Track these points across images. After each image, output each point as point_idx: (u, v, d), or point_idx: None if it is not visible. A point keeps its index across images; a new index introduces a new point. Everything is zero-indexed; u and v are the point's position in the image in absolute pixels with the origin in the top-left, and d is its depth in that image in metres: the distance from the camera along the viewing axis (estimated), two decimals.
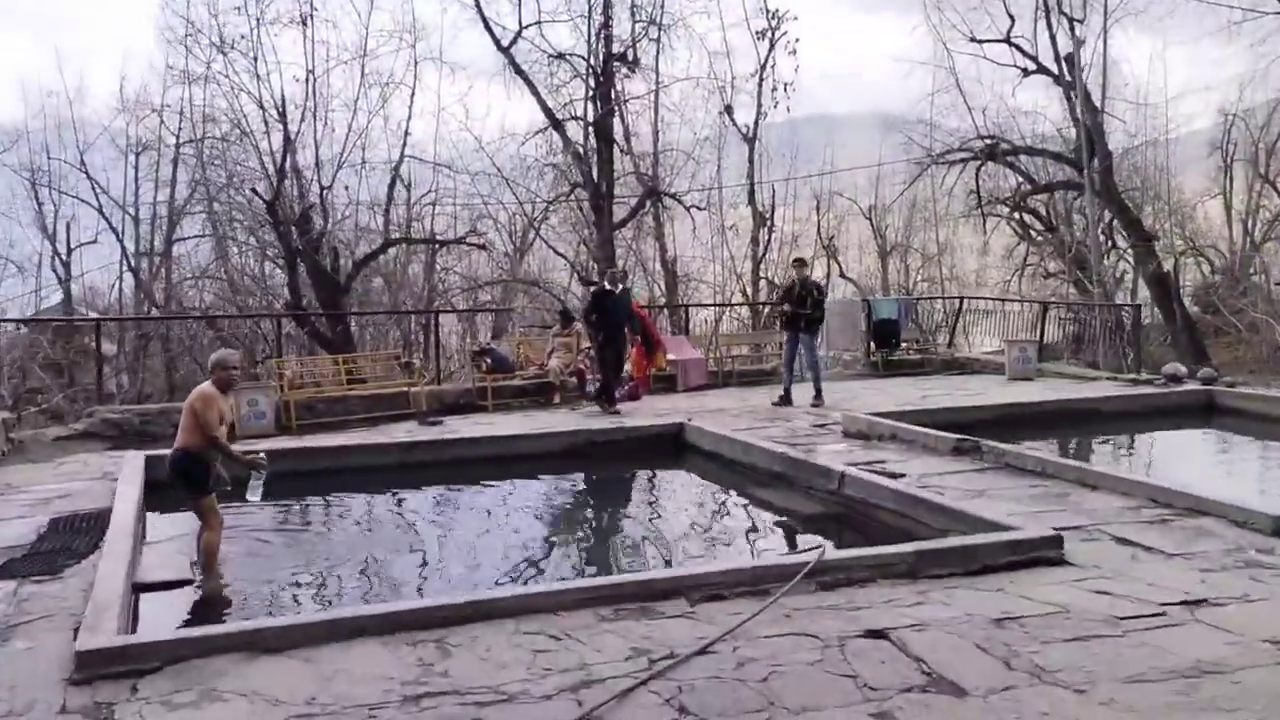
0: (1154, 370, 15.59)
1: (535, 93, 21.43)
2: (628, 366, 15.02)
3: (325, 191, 19.60)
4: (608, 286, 13.13)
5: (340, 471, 9.59)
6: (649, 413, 12.92)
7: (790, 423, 11.87)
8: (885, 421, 10.49)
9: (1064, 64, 28.35)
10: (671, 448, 10.57)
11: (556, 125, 21.62)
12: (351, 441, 10.75)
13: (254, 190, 19.35)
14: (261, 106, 19.39)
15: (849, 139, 43.88)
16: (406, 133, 21.38)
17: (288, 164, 18.99)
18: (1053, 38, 28.54)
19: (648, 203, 23.50)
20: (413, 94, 21.31)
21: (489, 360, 13.57)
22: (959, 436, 9.55)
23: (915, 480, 8.54)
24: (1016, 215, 32.99)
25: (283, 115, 19.27)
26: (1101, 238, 33.27)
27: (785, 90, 25.00)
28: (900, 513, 7.46)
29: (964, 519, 6.89)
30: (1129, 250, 30.57)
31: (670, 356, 15.15)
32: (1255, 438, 11.11)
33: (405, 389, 13.24)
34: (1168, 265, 29.68)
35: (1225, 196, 35.76)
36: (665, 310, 23.89)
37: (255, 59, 19.40)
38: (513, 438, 10.26)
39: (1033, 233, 33.41)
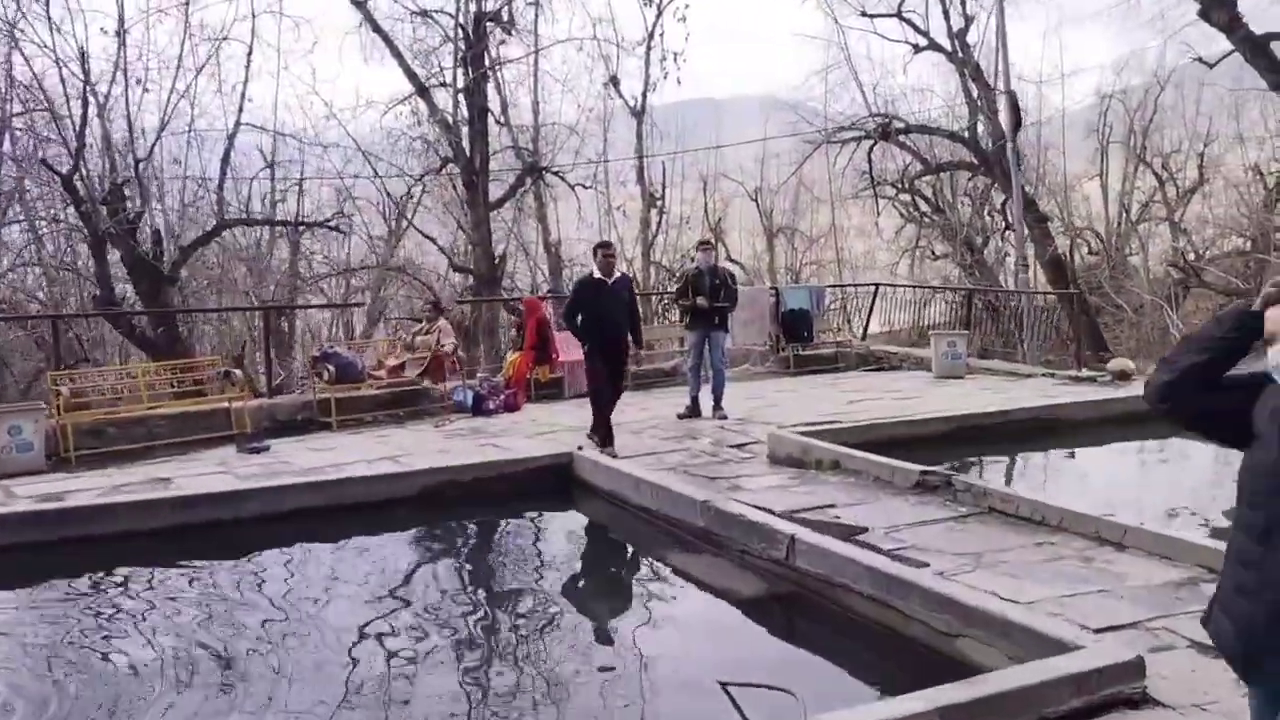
0: (1092, 364, 13.82)
1: (396, 53, 18.51)
2: (506, 371, 12.45)
3: (142, 165, 16.28)
4: (597, 275, 9.18)
5: (87, 543, 6.72)
6: (529, 430, 10.41)
7: (700, 441, 9.51)
8: (823, 444, 8.20)
9: (955, 40, 26.78)
10: (558, 486, 8.03)
11: (422, 91, 18.73)
12: (90, 500, 7.48)
13: (44, 163, 15.87)
14: (59, 63, 15.93)
15: (736, 121, 41.91)
16: (244, 97, 18.14)
17: (90, 132, 15.62)
18: (945, 12, 26.95)
19: (527, 180, 20.82)
20: (250, 52, 18.08)
21: (331, 368, 10.78)
22: (923, 469, 7.34)
23: (881, 535, 6.28)
24: (906, 196, 31.52)
25: (85, 74, 15.84)
26: (989, 219, 32.11)
27: (675, 60, 22.62)
28: (879, 600, 5.15)
29: (983, 619, 4.62)
30: (1008, 231, 29.37)
31: (559, 358, 12.64)
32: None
33: (226, 405, 10.38)
34: (1061, 247, 28.55)
35: (1103, 178, 35.11)
36: (550, 300, 21.34)
37: (48, 3, 15.86)
38: (340, 483, 7.52)
39: (922, 214, 32.01)
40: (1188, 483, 8.38)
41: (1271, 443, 2.36)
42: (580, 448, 8.48)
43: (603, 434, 8.89)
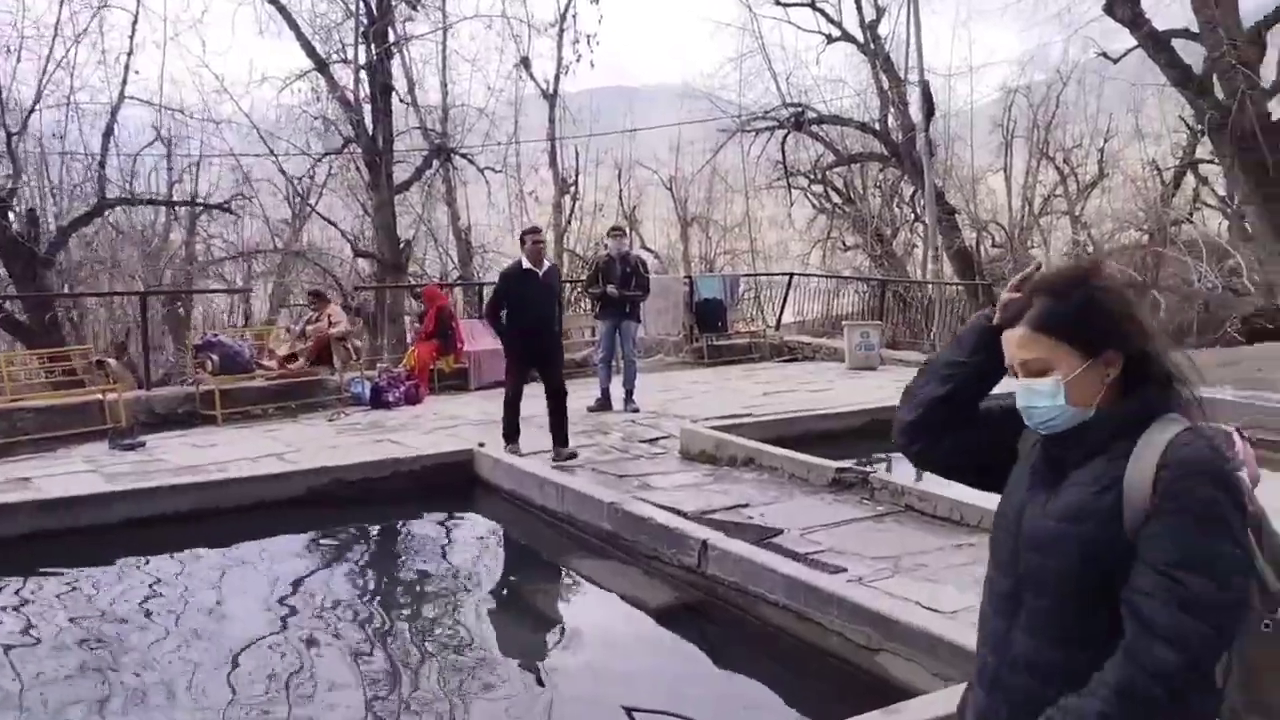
0: None
1: (294, 26, 17.61)
2: (407, 361, 11.84)
3: (15, 139, 15.12)
4: (526, 264, 8.13)
5: None
6: (429, 424, 9.84)
7: (610, 436, 9.09)
8: (737, 440, 7.85)
9: (867, 31, 26.79)
10: (458, 486, 7.49)
11: (322, 67, 17.84)
12: None
13: None
14: None
15: (652, 109, 41.59)
16: (128, 68, 17.01)
17: None
18: (858, 4, 26.92)
19: (435, 163, 20.07)
20: (135, 20, 16.98)
21: (214, 358, 10.03)
22: (839, 465, 7.03)
23: (797, 537, 5.93)
24: (818, 187, 31.57)
25: None
26: (898, 211, 32.36)
27: (588, 43, 22.07)
28: (795, 610, 4.79)
29: (905, 633, 4.28)
30: (916, 223, 29.66)
31: (464, 347, 12.08)
32: None
33: (100, 397, 9.57)
34: (968, 240, 28.87)
35: (1007, 172, 35.69)
36: (460, 288, 20.67)
37: None
38: (216, 484, 6.88)
39: (833, 205, 32.12)
40: None
41: (1019, 488, 1.87)
42: (481, 445, 7.97)
43: (509, 433, 8.18)
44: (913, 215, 30.02)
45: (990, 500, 5.53)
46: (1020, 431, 1.90)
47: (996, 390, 1.99)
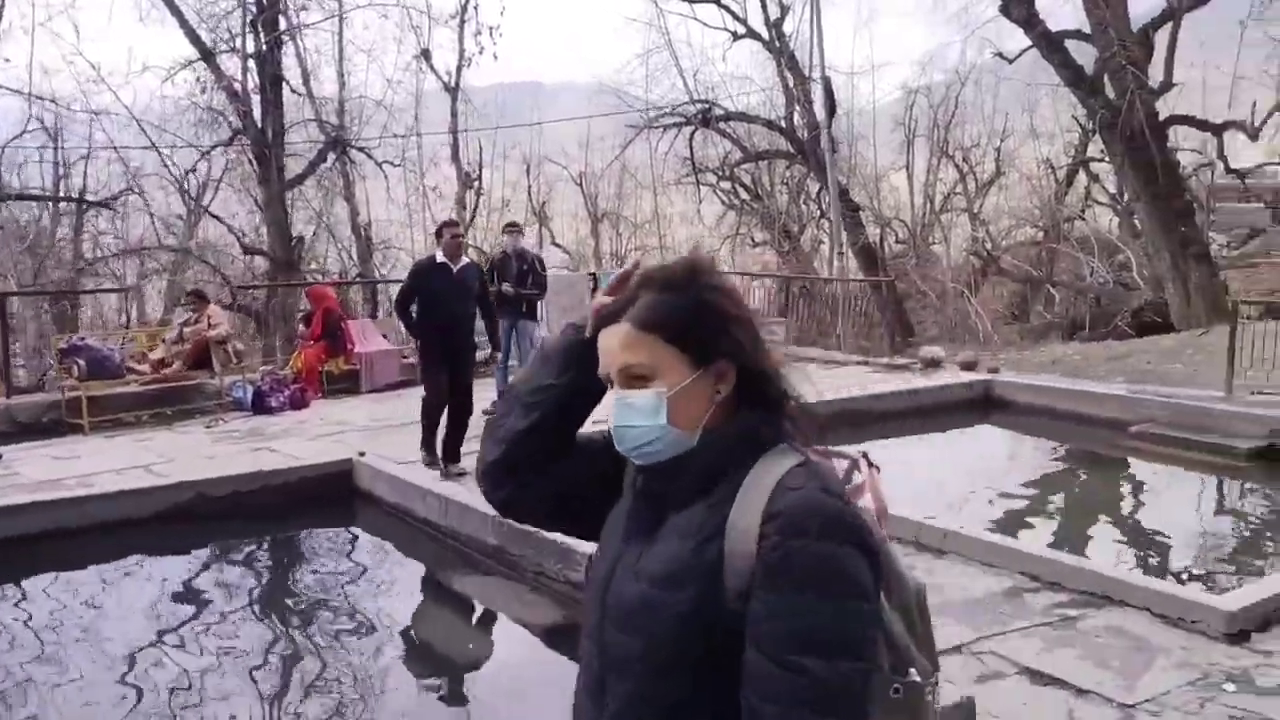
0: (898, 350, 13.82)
1: (177, 12, 16.70)
2: (294, 364, 11.27)
3: None
4: (440, 258, 7.44)
5: None
6: (314, 430, 9.32)
7: None
8: None
9: (773, 29, 26.83)
10: (337, 498, 7.05)
11: (207, 56, 16.99)
12: None
13: None
14: None
15: (563, 106, 41.20)
16: None
17: None
18: (763, 1, 26.96)
19: (330, 156, 19.33)
20: (1, 5, 15.92)
21: (80, 362, 9.34)
22: None
23: None
24: (726, 183, 31.58)
25: None
26: (805, 207, 32.56)
27: (491, 35, 21.54)
28: None
29: None
30: (822, 219, 29.90)
31: (354, 349, 11.54)
32: (1046, 439, 9.22)
33: None
34: (872, 236, 29.15)
35: (909, 169, 36.26)
36: (361, 286, 19.99)
37: None
38: (72, 501, 6.33)
39: (741, 201, 32.18)
40: (1004, 476, 8.18)
41: (613, 537, 1.52)
42: (362, 454, 7.51)
43: (426, 447, 7.42)
44: (819, 212, 30.21)
45: (890, 505, 5.19)
46: (624, 464, 1.52)
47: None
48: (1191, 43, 22.93)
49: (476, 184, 23.50)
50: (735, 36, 27.24)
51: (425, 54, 21.54)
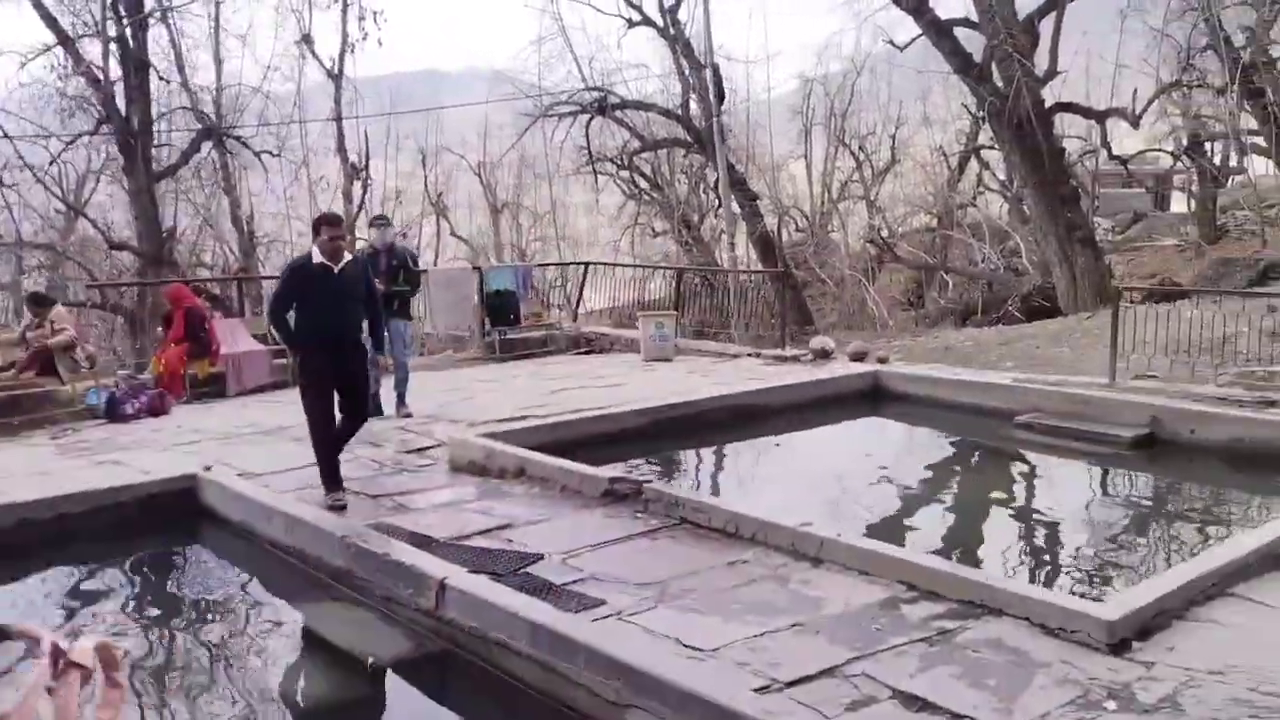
0: (794, 341, 13.63)
1: None
2: (154, 367, 10.52)
3: None
4: (318, 258, 6.39)
5: None
6: (169, 439, 8.64)
7: (380, 448, 8.17)
8: (508, 450, 7.11)
9: (667, 16, 26.51)
10: (182, 517, 6.45)
11: (64, 41, 15.91)
12: None
13: None
14: None
15: (462, 95, 40.27)
16: None
17: None
18: None
19: (205, 146, 18.36)
20: None
21: None
22: (613, 475, 6.42)
23: (558, 564, 5.27)
24: (625, 173, 31.20)
25: None
26: (705, 196, 32.40)
27: (375, 20, 20.74)
28: (542, 662, 4.12)
29: (654, 687, 3.68)
30: (719, 209, 29.78)
31: (220, 350, 10.83)
32: (934, 430, 9.07)
33: None
34: (770, 225, 29.09)
35: (807, 158, 36.42)
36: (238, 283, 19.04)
37: None
38: None
39: (641, 191, 31.85)
40: (891, 472, 7.97)
41: None
42: (208, 468, 6.91)
43: (325, 475, 6.45)
44: (717, 201, 30.03)
45: (771, 513, 4.77)
46: None
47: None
48: (1075, 31, 23.36)
49: (363, 175, 22.65)
50: (630, 23, 26.86)
51: (306, 39, 20.66)
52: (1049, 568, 5.62)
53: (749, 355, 12.16)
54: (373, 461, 7.65)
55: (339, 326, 6.48)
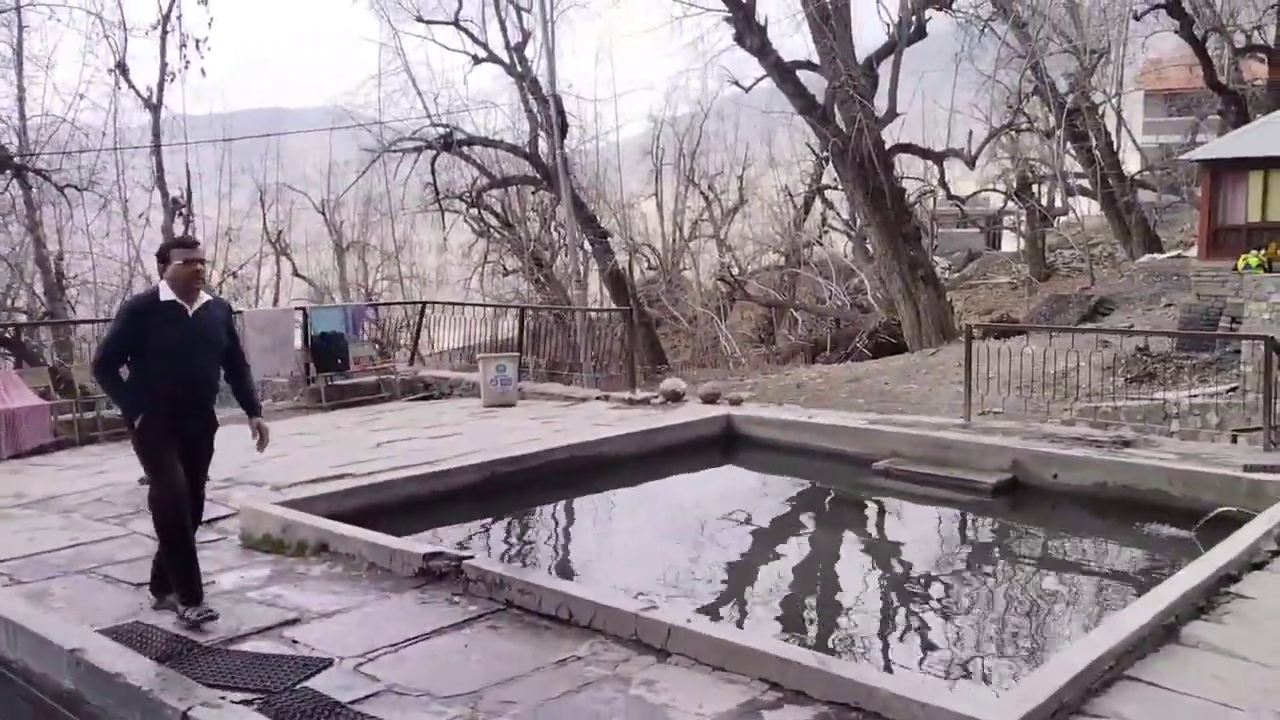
0: (645, 384, 12.89)
1: None
2: None
3: None
4: (167, 294, 4.96)
5: None
6: None
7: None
8: (307, 521, 6.02)
9: (514, 53, 25.80)
10: None
11: None
12: None
13: None
14: None
15: (306, 131, 38.53)
16: None
17: None
18: (502, 24, 25.88)
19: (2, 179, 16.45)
20: None
21: None
22: (429, 550, 5.42)
23: (350, 671, 4.25)
24: (474, 210, 30.20)
25: None
26: (556, 234, 31.67)
27: (198, 47, 19.19)
28: None
29: None
30: (582, 248, 29.13)
31: None
32: (791, 478, 8.41)
33: None
34: (622, 263, 28.58)
35: (658, 197, 36.30)
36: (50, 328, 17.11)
37: None
38: None
39: (491, 229, 30.89)
40: (744, 530, 7.23)
41: None
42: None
43: (183, 587, 4.87)
44: (562, 240, 29.34)
45: (610, 595, 3.68)
46: None
47: None
48: (912, 75, 23.84)
49: (185, 210, 20.91)
50: (476, 60, 26.04)
51: (121, 68, 18.91)
52: (927, 648, 4.93)
53: (597, 398, 11.33)
54: (148, 538, 6.39)
55: (191, 384, 5.00)
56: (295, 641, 4.59)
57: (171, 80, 19.48)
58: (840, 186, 25.56)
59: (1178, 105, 32.52)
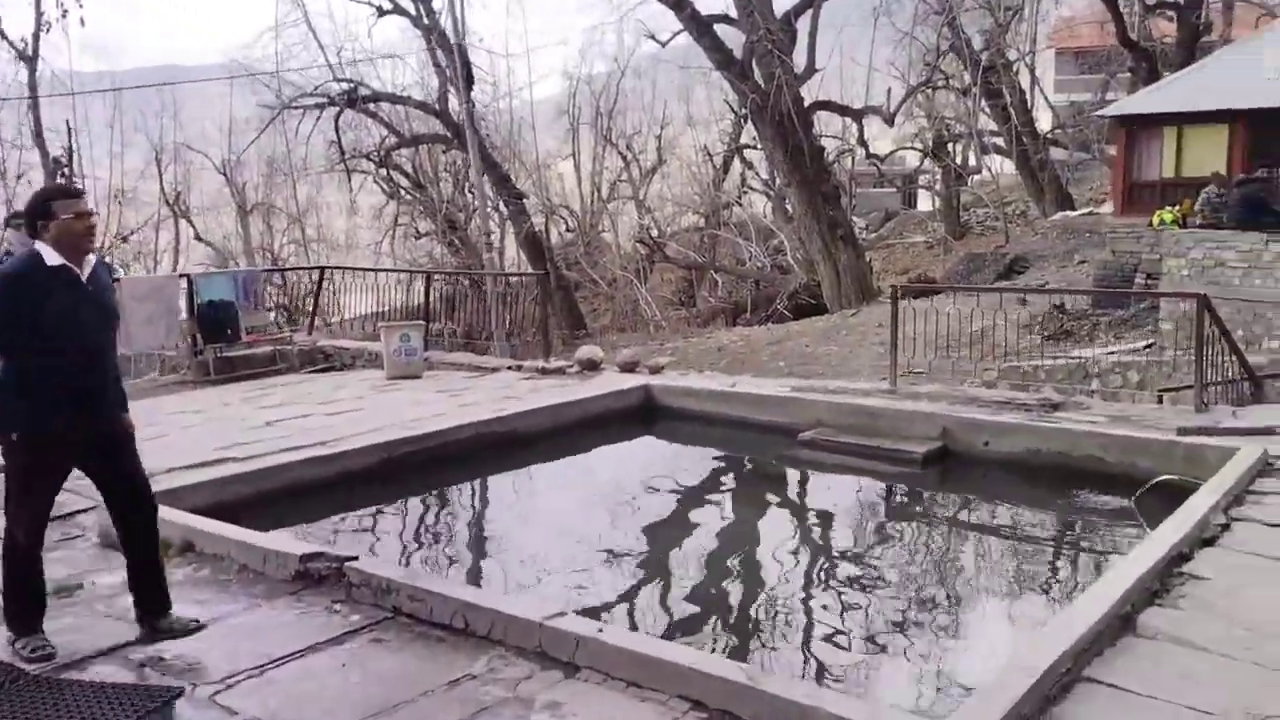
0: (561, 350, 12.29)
1: None
2: None
3: None
4: (54, 258, 3.86)
5: None
6: None
7: None
8: (171, 517, 5.21)
9: (420, 4, 24.65)
10: None
11: None
12: None
13: None
14: None
15: (199, 88, 36.63)
16: None
17: None
18: None
19: None
20: None
21: None
22: (307, 550, 4.77)
23: (205, 701, 3.62)
24: (384, 171, 29.03)
25: None
26: (470, 196, 30.66)
27: None
28: None
29: None
30: (498, 210, 28.24)
31: None
32: (713, 449, 7.93)
33: None
34: (535, 224, 27.79)
35: (575, 158, 35.48)
36: None
37: None
38: None
39: (402, 190, 29.77)
40: (662, 510, 6.73)
41: None
42: None
43: (20, 617, 4.06)
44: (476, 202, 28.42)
45: (512, 602, 3.04)
46: None
47: None
48: (830, 30, 23.43)
49: (67, 170, 19.49)
50: (381, 12, 24.82)
51: None
52: (868, 649, 4.47)
53: (510, 368, 10.68)
54: None
55: (92, 367, 4.03)
56: (145, 665, 3.93)
57: (48, 30, 18.00)
58: (759, 145, 25.10)
59: (1089, 63, 32.78)
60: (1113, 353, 13.37)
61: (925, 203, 36.30)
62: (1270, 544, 4.80)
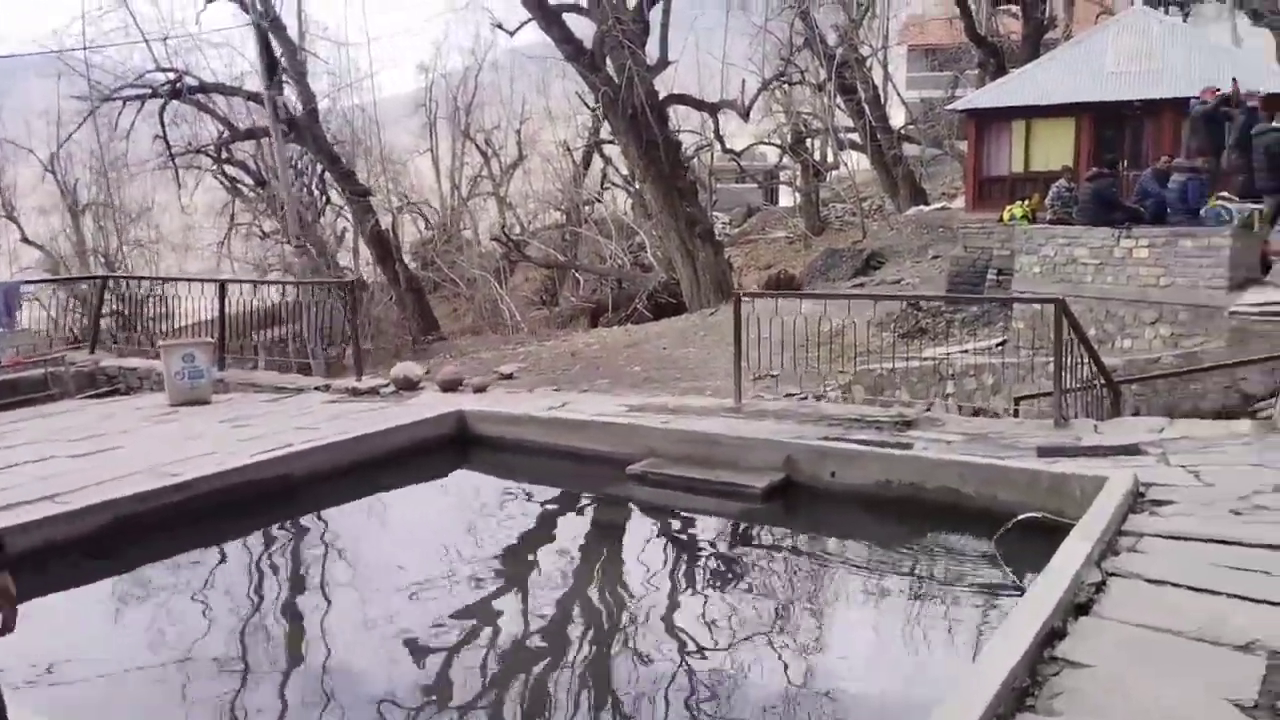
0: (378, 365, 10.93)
1: None
2: None
3: None
4: None
5: None
6: None
7: None
8: None
9: None
10: None
11: None
12: None
13: None
14: None
15: (14, 81, 33.43)
16: None
17: None
18: None
19: None
20: None
21: None
22: None
23: None
24: (223, 167, 26.85)
25: None
26: (316, 193, 28.69)
27: None
28: None
29: None
30: (345, 206, 26.47)
31: None
32: (538, 486, 6.77)
33: None
34: (386, 222, 26.14)
35: (433, 153, 33.90)
36: None
37: None
38: None
39: (241, 187, 27.60)
40: (474, 565, 5.55)
41: None
42: None
43: None
44: (325, 198, 26.54)
45: None
46: None
47: None
48: (684, 23, 22.58)
49: None
50: None
51: None
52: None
53: (317, 389, 9.32)
54: None
55: None
56: None
57: None
58: (615, 139, 24.07)
59: (939, 60, 32.99)
60: (966, 351, 12.84)
61: (787, 198, 36.02)
62: (1153, 609, 3.94)
